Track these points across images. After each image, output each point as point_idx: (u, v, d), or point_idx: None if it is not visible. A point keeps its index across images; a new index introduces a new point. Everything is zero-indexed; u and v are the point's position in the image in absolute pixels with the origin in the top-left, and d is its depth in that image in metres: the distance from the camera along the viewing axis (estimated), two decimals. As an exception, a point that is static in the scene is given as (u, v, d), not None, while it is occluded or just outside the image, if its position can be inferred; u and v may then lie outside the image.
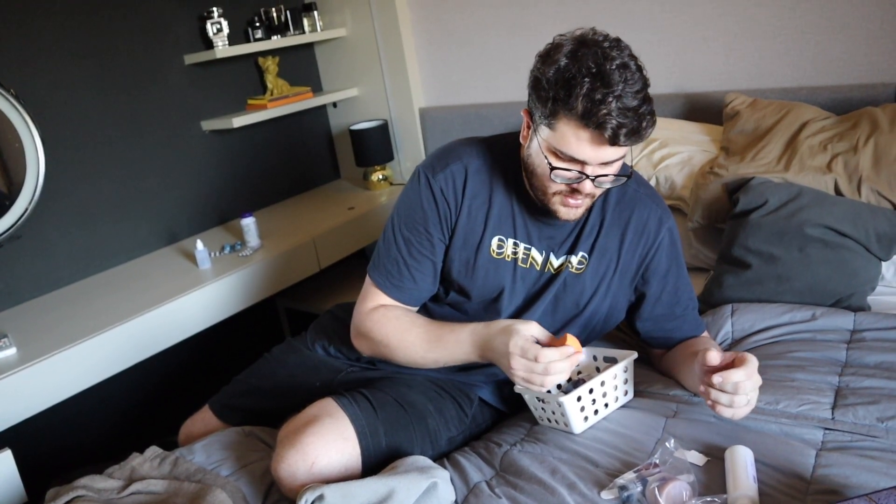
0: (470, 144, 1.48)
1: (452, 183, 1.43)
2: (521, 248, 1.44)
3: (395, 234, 1.46)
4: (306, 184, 3.26)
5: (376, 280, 1.48)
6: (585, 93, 1.18)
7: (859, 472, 1.13)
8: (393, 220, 1.48)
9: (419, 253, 1.45)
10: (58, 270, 2.37)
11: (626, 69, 1.19)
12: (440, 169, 1.43)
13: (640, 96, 1.20)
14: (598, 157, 1.24)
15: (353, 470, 1.28)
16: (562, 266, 1.45)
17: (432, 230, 1.44)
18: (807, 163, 1.88)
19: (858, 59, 2.12)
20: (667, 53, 2.44)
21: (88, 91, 2.40)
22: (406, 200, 1.47)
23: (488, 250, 1.44)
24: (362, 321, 1.48)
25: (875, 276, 1.73)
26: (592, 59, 1.19)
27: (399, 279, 1.46)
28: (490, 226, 1.43)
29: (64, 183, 2.35)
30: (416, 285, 1.47)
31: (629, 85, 1.18)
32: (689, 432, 1.29)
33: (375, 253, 1.50)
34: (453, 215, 1.44)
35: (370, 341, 1.47)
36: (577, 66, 1.19)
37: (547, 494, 1.19)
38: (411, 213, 1.45)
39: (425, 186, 1.43)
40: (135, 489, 1.35)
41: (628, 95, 1.18)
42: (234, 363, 2.07)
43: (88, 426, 2.49)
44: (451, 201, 1.43)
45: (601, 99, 1.17)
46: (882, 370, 1.40)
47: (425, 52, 2.99)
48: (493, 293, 1.46)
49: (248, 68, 2.93)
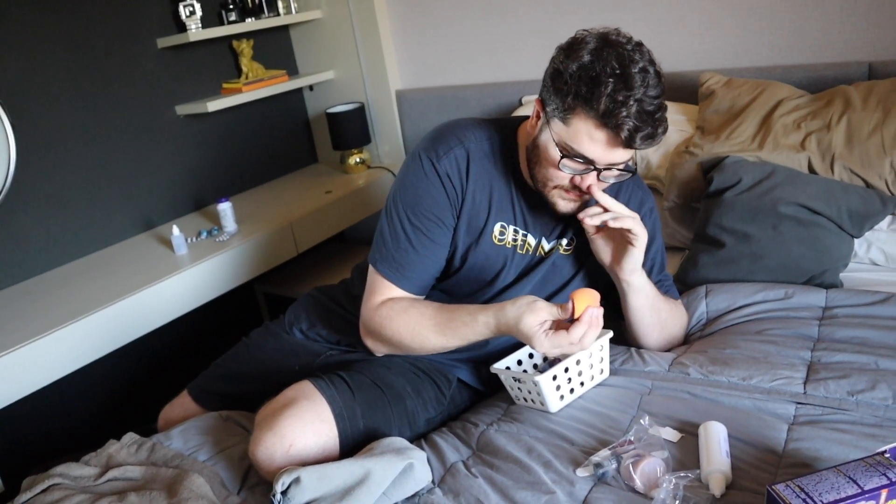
0: (469, 127, 1.46)
1: (457, 166, 1.40)
2: (521, 235, 1.45)
3: (403, 223, 1.41)
4: (283, 168, 3.24)
5: (385, 273, 1.43)
6: (609, 93, 1.18)
7: (830, 445, 1.14)
8: (398, 208, 1.42)
9: (429, 241, 1.41)
10: (32, 258, 2.34)
11: (646, 73, 1.20)
12: (444, 152, 1.41)
13: (658, 102, 1.21)
14: (608, 157, 1.25)
15: (330, 452, 1.28)
16: (552, 249, 1.47)
17: (442, 216, 1.41)
18: (781, 141, 1.89)
19: (832, 38, 2.13)
20: (642, 33, 2.40)
21: (59, 76, 2.36)
22: (411, 186, 1.42)
23: (491, 236, 1.43)
24: (371, 318, 1.43)
25: (847, 254, 1.75)
26: (616, 60, 1.19)
27: (410, 270, 1.42)
28: (493, 211, 1.43)
29: (36, 170, 2.32)
30: (427, 274, 1.44)
31: (649, 89, 1.19)
32: (663, 409, 1.30)
33: (380, 244, 1.44)
34: (459, 199, 1.42)
35: (382, 340, 1.44)
36: (601, 65, 1.19)
37: (523, 473, 1.19)
38: (419, 200, 1.40)
39: (431, 171, 1.40)
40: (112, 476, 1.35)
41: (648, 100, 1.19)
42: (213, 349, 2.07)
43: (66, 415, 2.47)
44: (456, 185, 1.41)
45: (622, 101, 1.17)
46: (853, 345, 1.42)
47: (401, 33, 2.97)
48: (489, 277, 1.47)
49: (222, 52, 2.89)
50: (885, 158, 1.76)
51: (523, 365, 1.49)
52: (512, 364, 1.46)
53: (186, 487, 1.25)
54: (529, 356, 1.50)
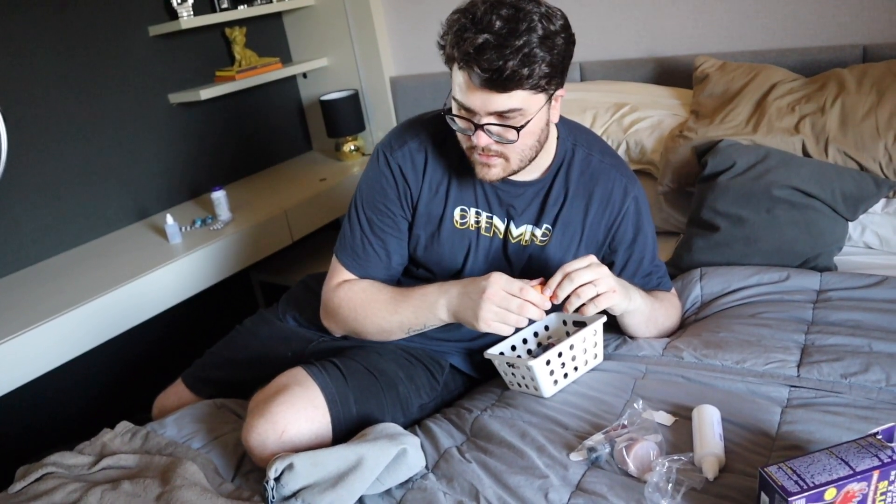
0: (428, 120, 1.46)
1: (411, 160, 1.42)
2: (484, 217, 1.44)
3: (359, 214, 1.46)
4: (277, 156, 3.23)
5: (343, 261, 1.48)
6: (456, 30, 1.17)
7: (823, 427, 1.14)
8: (356, 200, 1.48)
9: (382, 231, 1.44)
10: (24, 248, 2.33)
11: (498, 8, 1.15)
12: (398, 147, 1.43)
13: (523, 37, 1.14)
14: (484, 104, 1.21)
15: (323, 438, 1.28)
16: (521, 235, 1.45)
17: (393, 208, 1.44)
18: (775, 124, 1.88)
19: (826, 21, 2.12)
20: (636, 17, 2.42)
21: (50, 65, 2.35)
22: (367, 180, 1.47)
23: (451, 221, 1.43)
24: (330, 298, 1.48)
25: (841, 237, 1.75)
26: (483, 5, 1.16)
27: (365, 259, 1.46)
28: (451, 197, 1.43)
29: (28, 160, 2.30)
30: (383, 263, 1.46)
31: (499, 22, 1.14)
32: (657, 393, 1.30)
33: (341, 233, 1.50)
34: (413, 192, 1.43)
35: (339, 317, 1.47)
36: (463, 12, 1.18)
37: (516, 458, 1.19)
38: (372, 193, 1.45)
39: (384, 164, 1.43)
40: (105, 464, 1.34)
41: (503, 35, 1.13)
42: (209, 338, 2.05)
43: (60, 405, 2.47)
44: (409, 178, 1.42)
45: (469, 38, 1.15)
46: (847, 328, 1.42)
47: (395, 20, 2.95)
48: (457, 264, 1.46)
49: (214, 39, 2.88)
50: (879, 141, 1.76)
51: (517, 350, 1.48)
52: (505, 349, 1.46)
53: (180, 475, 1.24)
54: (523, 341, 1.49)
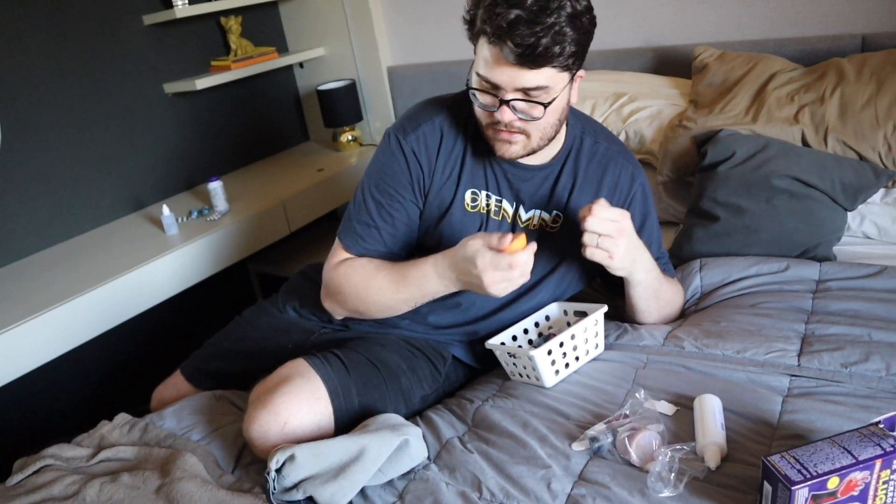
0: (441, 102, 1.46)
1: (425, 144, 1.40)
2: (493, 200, 1.43)
3: (366, 197, 1.43)
4: (274, 146, 3.21)
5: (345, 242, 1.46)
6: (487, 5, 1.17)
7: (824, 416, 1.15)
8: (363, 183, 1.45)
9: (389, 215, 1.42)
10: (19, 240, 2.32)
11: None
12: (411, 130, 1.41)
13: (554, 15, 1.15)
14: (512, 80, 1.21)
15: (325, 429, 1.28)
16: (530, 220, 1.44)
17: (404, 192, 1.42)
18: (774, 114, 1.88)
19: (825, 10, 2.11)
20: (636, 7, 2.41)
21: (44, 55, 2.33)
22: (377, 163, 1.44)
23: (462, 204, 1.42)
24: (331, 277, 1.46)
25: (840, 227, 1.75)
26: None
27: (369, 241, 1.44)
28: (463, 181, 1.42)
29: (22, 151, 2.29)
30: (386, 247, 1.45)
31: (541, 2, 1.14)
32: (658, 383, 1.30)
33: (345, 216, 1.48)
34: (426, 176, 1.41)
35: (340, 297, 1.44)
36: None
37: (518, 448, 1.19)
38: (382, 176, 1.42)
39: (396, 148, 1.41)
40: (104, 456, 1.34)
41: (535, 11, 1.14)
42: (206, 329, 2.05)
43: (58, 397, 2.46)
44: (423, 162, 1.41)
45: (501, 13, 1.15)
46: (846, 317, 1.43)
47: (392, 9, 2.93)
48: None
49: (210, 28, 2.85)
50: (878, 131, 1.76)
51: (518, 341, 1.48)
52: (507, 340, 1.46)
53: (179, 467, 1.24)
54: (524, 332, 1.49)
